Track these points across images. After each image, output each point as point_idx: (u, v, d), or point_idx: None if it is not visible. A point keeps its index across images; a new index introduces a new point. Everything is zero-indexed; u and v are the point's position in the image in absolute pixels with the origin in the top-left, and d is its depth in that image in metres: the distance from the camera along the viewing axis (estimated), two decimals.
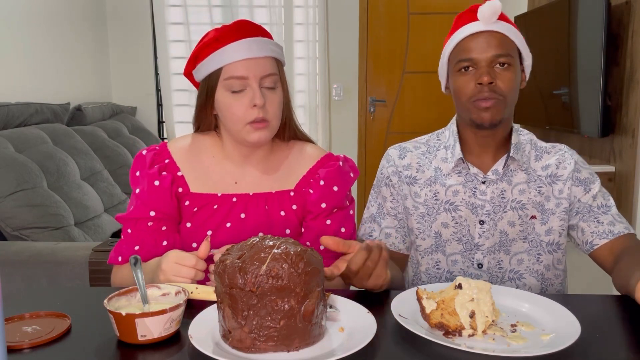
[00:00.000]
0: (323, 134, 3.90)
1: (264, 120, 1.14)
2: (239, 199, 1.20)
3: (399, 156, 1.36)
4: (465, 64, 1.20)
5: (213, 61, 1.14)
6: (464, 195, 1.27)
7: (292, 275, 0.78)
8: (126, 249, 1.17)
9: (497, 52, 1.17)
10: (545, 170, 1.26)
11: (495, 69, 1.18)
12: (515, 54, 1.21)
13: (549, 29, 2.89)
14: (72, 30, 3.36)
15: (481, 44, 1.18)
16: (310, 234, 1.21)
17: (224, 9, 3.81)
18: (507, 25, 1.20)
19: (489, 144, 1.26)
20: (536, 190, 1.25)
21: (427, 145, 1.36)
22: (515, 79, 1.19)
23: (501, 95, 1.18)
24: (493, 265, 1.27)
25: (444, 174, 1.29)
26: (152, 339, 0.82)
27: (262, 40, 1.15)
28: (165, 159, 1.21)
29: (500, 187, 1.25)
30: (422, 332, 0.83)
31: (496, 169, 1.25)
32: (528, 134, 1.32)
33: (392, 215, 1.35)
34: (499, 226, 1.25)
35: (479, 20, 1.19)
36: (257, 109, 1.12)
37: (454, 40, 1.22)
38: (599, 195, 1.25)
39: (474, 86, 1.18)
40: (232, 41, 1.13)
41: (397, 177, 1.33)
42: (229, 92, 1.14)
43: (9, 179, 2.00)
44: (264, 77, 1.14)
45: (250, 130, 1.14)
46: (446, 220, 1.28)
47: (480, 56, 1.18)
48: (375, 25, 3.94)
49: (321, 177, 1.21)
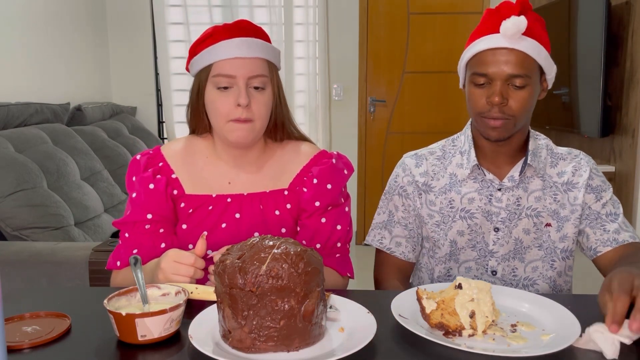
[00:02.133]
0: (323, 134, 3.90)
1: (246, 120, 1.14)
2: (234, 199, 1.20)
3: (415, 165, 1.32)
4: (480, 79, 1.16)
5: (204, 57, 1.15)
6: (479, 202, 1.25)
7: (292, 275, 0.78)
8: (124, 253, 1.18)
9: (514, 72, 1.13)
10: (561, 177, 1.25)
11: (510, 88, 1.14)
12: (535, 71, 1.16)
13: (549, 29, 2.88)
14: (72, 30, 3.36)
15: (498, 61, 1.13)
16: (306, 233, 1.21)
17: (224, 9, 3.81)
18: (532, 42, 1.14)
19: (503, 151, 1.24)
20: (552, 197, 1.24)
21: (443, 151, 1.33)
22: (529, 98, 1.15)
23: (511, 116, 1.15)
24: (507, 272, 1.26)
25: (459, 180, 1.27)
26: (152, 339, 0.82)
27: (254, 41, 1.15)
28: (159, 162, 1.21)
29: (516, 195, 1.24)
30: (422, 332, 0.83)
31: (512, 175, 1.23)
32: (545, 138, 1.30)
33: (403, 225, 1.33)
34: (514, 233, 1.24)
35: (501, 35, 1.14)
36: (240, 108, 1.13)
37: (474, 48, 1.17)
38: (609, 204, 1.24)
39: (485, 103, 1.16)
40: (224, 39, 1.14)
41: (413, 187, 1.31)
42: (215, 89, 1.15)
43: (9, 179, 2.00)
44: (252, 77, 1.14)
45: (232, 128, 1.14)
46: (462, 228, 1.26)
47: (495, 73, 1.14)
48: (375, 25, 3.94)
49: (314, 175, 1.20)
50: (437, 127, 3.97)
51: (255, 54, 1.15)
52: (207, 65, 1.15)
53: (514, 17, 1.12)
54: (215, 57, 1.14)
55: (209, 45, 1.15)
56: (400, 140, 4.04)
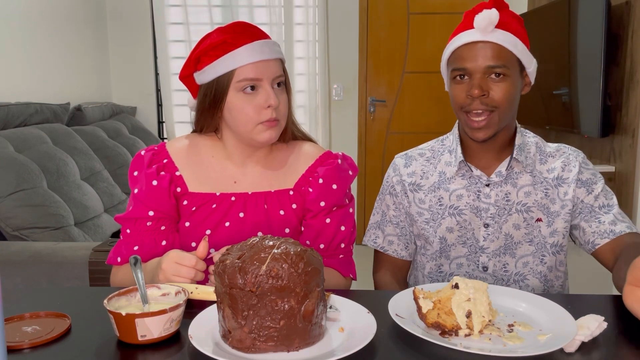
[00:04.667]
0: (323, 134, 3.90)
1: (275, 119, 1.16)
2: (238, 198, 1.20)
3: (404, 165, 1.35)
4: (459, 73, 1.19)
5: (224, 64, 1.14)
6: (467, 199, 1.26)
7: (292, 275, 0.78)
8: (125, 249, 1.17)
9: (490, 64, 1.15)
10: (551, 173, 1.26)
11: (490, 79, 1.17)
12: (514, 63, 1.18)
13: (549, 29, 2.89)
14: (72, 30, 3.36)
15: (475, 55, 1.16)
16: (310, 233, 1.21)
17: (224, 9, 3.81)
18: (506, 35, 1.17)
19: (490, 148, 1.25)
20: (543, 192, 1.24)
21: (432, 151, 1.35)
22: (511, 89, 1.17)
23: (493, 107, 1.17)
24: (499, 268, 1.27)
25: (447, 178, 1.29)
26: (152, 339, 0.82)
27: (270, 43, 1.18)
28: (163, 158, 1.21)
29: (505, 190, 1.25)
30: (418, 332, 0.83)
31: (499, 170, 1.24)
32: (535, 136, 1.31)
33: (394, 224, 1.36)
34: (504, 229, 1.25)
35: (475, 29, 1.17)
36: (271, 109, 1.14)
37: (451, 46, 1.21)
38: (601, 195, 1.24)
39: (465, 97, 1.18)
40: (243, 44, 1.14)
41: (400, 186, 1.34)
42: (241, 94, 1.14)
43: (9, 179, 2.01)
44: (275, 78, 1.16)
45: (261, 130, 1.15)
46: (451, 225, 1.28)
47: (473, 67, 1.17)
48: (375, 25, 3.94)
49: (320, 175, 1.21)
50: (437, 127, 3.97)
51: (275, 55, 1.17)
52: (228, 71, 1.14)
53: (486, 10, 1.16)
54: (238, 62, 1.13)
55: (227, 52, 1.13)
56: (400, 140, 4.04)
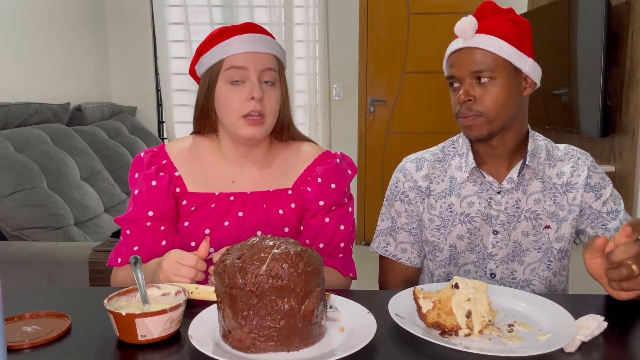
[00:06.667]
0: (323, 134, 3.90)
1: (260, 114, 1.14)
2: (237, 198, 1.20)
3: (416, 169, 1.31)
4: (451, 81, 1.21)
5: (216, 53, 1.16)
6: (479, 206, 1.25)
7: (292, 275, 0.78)
8: (125, 250, 1.18)
9: (474, 69, 1.15)
10: (560, 178, 1.24)
11: (477, 84, 1.16)
12: (500, 66, 1.15)
13: (549, 29, 2.88)
14: (72, 30, 3.36)
15: (460, 61, 1.18)
16: (309, 232, 1.21)
17: (224, 9, 3.81)
18: (489, 38, 1.15)
19: (499, 153, 1.23)
20: (551, 199, 1.23)
21: (443, 152, 1.33)
22: (500, 92, 1.15)
23: (480, 112, 1.16)
24: (507, 275, 1.26)
25: (458, 183, 1.27)
26: (152, 339, 0.82)
27: (265, 38, 1.18)
28: (162, 159, 1.22)
29: (515, 197, 1.23)
30: (418, 332, 0.83)
31: (511, 177, 1.23)
32: (544, 139, 1.29)
33: (407, 231, 1.33)
34: (513, 236, 1.24)
35: (459, 37, 1.18)
36: (254, 101, 1.14)
37: (445, 55, 1.24)
38: (609, 200, 1.23)
39: (456, 103, 1.20)
40: (236, 35, 1.16)
41: (415, 192, 1.30)
42: (228, 84, 1.15)
43: (9, 179, 2.01)
44: (264, 70, 1.16)
45: (244, 124, 1.15)
46: (461, 232, 1.26)
47: (460, 73, 1.18)
48: (375, 25, 3.94)
49: (318, 174, 1.21)
50: (437, 127, 3.98)
51: (266, 49, 1.17)
52: (219, 60, 1.16)
53: (464, 17, 1.17)
54: (228, 51, 1.15)
55: (220, 43, 1.16)
56: (400, 141, 4.04)
